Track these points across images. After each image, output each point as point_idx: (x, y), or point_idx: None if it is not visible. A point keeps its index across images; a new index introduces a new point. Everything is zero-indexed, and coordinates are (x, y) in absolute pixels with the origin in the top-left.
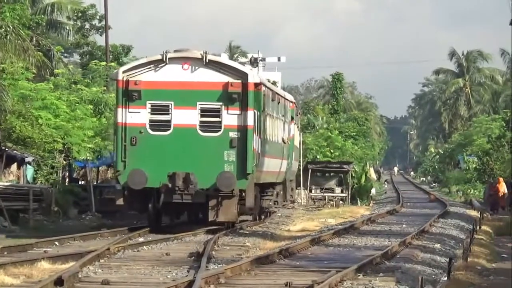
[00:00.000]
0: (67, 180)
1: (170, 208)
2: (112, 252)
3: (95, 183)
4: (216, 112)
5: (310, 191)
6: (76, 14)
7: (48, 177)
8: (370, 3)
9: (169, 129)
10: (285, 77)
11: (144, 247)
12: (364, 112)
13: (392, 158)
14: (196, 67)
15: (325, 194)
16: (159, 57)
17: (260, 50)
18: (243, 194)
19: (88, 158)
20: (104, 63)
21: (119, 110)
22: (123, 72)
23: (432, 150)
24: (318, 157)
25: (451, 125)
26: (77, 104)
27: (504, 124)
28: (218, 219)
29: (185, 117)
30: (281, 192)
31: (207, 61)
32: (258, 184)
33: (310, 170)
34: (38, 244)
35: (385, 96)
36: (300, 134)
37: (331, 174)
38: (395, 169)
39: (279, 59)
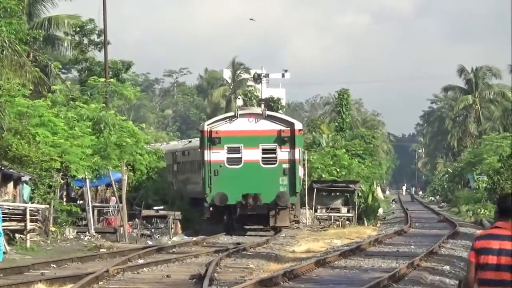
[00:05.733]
0: (65, 199)
1: (242, 218)
2: (111, 274)
3: (93, 203)
4: (273, 151)
5: (316, 210)
6: (74, 29)
7: (45, 196)
8: (377, 18)
9: (241, 164)
10: (289, 94)
11: (144, 269)
12: (370, 129)
13: (400, 177)
14: (258, 120)
15: (331, 214)
16: (232, 113)
17: (264, 66)
18: (293, 207)
19: (87, 177)
20: (103, 79)
21: (206, 151)
22: (207, 125)
23: (441, 168)
24: (323, 176)
25: (460, 143)
26: (75, 122)
27: None
28: (276, 224)
29: (251, 154)
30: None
31: (266, 115)
32: None
33: (315, 190)
34: (35, 266)
35: (392, 113)
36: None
37: (337, 193)
38: (404, 188)
39: (283, 75)
